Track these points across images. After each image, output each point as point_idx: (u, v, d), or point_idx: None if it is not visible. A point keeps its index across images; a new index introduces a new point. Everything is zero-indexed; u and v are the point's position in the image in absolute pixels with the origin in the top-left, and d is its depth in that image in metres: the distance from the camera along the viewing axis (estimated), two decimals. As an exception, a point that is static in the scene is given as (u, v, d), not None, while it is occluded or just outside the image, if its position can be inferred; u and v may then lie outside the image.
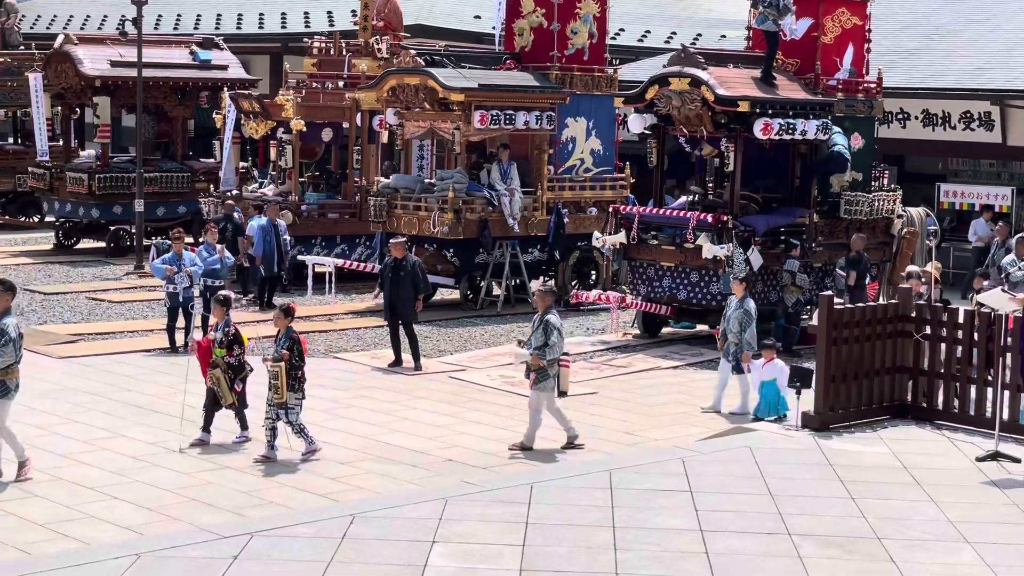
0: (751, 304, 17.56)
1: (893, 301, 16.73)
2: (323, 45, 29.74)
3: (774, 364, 16.81)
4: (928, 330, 15.85)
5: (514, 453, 15.17)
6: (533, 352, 15.21)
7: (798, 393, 15.64)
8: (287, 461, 14.62)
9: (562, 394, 15.52)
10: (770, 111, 21.16)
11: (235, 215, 25.50)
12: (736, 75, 21.81)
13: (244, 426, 15.48)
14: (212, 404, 15.38)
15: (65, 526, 12.35)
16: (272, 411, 14.69)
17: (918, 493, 12.91)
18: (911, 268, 19.59)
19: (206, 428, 15.37)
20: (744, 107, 20.94)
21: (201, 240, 22.58)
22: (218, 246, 21.29)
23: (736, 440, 14.97)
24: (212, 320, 15.87)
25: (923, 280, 18.57)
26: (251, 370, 15.48)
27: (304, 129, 26.92)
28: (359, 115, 27.44)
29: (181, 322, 20.50)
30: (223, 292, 16.57)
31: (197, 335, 15.77)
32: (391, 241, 20.66)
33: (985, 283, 18.41)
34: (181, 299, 20.30)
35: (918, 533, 11.66)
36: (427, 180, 25.58)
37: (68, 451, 14.85)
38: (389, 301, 19.78)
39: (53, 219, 32.60)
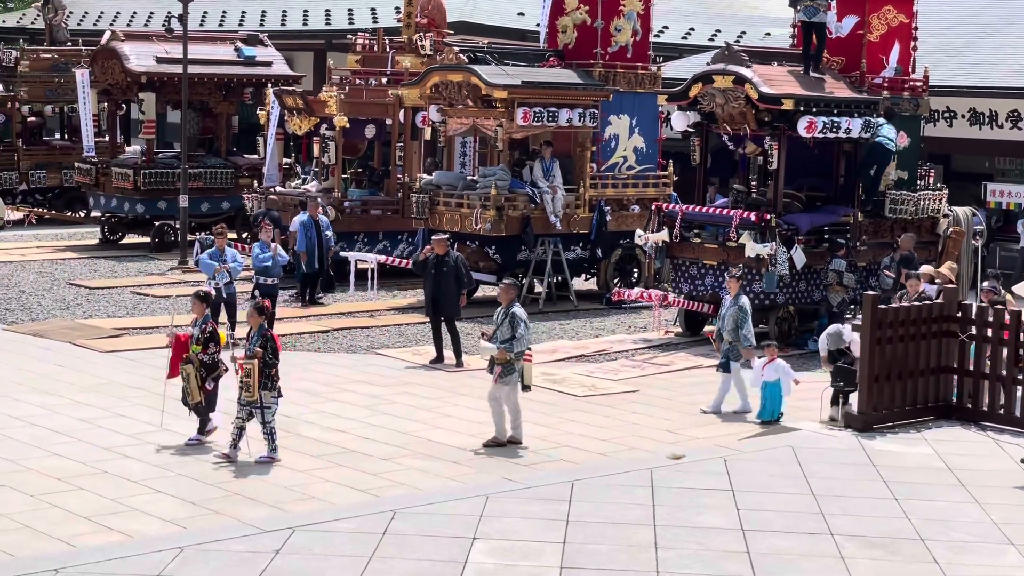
0: (745, 300, 17.51)
1: (938, 301, 16.60)
2: (367, 42, 29.81)
3: (776, 364, 16.67)
4: (973, 330, 15.73)
5: (486, 447, 15.11)
6: (500, 346, 15.18)
7: (841, 393, 15.57)
8: (322, 458, 14.67)
9: (526, 388, 15.48)
10: (814, 109, 21.06)
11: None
12: (780, 73, 21.72)
13: (202, 429, 15.17)
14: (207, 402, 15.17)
15: (109, 519, 12.44)
16: (243, 411, 14.38)
17: (962, 494, 12.82)
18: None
19: (202, 430, 15.16)
20: (788, 105, 20.85)
21: (248, 237, 22.63)
22: (272, 244, 21.34)
23: (778, 440, 14.90)
24: (192, 316, 15.43)
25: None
26: (225, 370, 15.13)
27: (347, 125, 26.98)
28: (402, 112, 27.48)
29: (223, 317, 20.61)
30: (203, 288, 16.14)
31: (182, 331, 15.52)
32: (433, 237, 20.68)
33: (985, 284, 18.30)
34: (224, 295, 20.39)
35: (962, 535, 11.57)
36: (470, 177, 25.60)
37: (112, 444, 14.96)
38: (432, 297, 19.81)
39: (99, 214, 32.84)
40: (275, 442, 14.48)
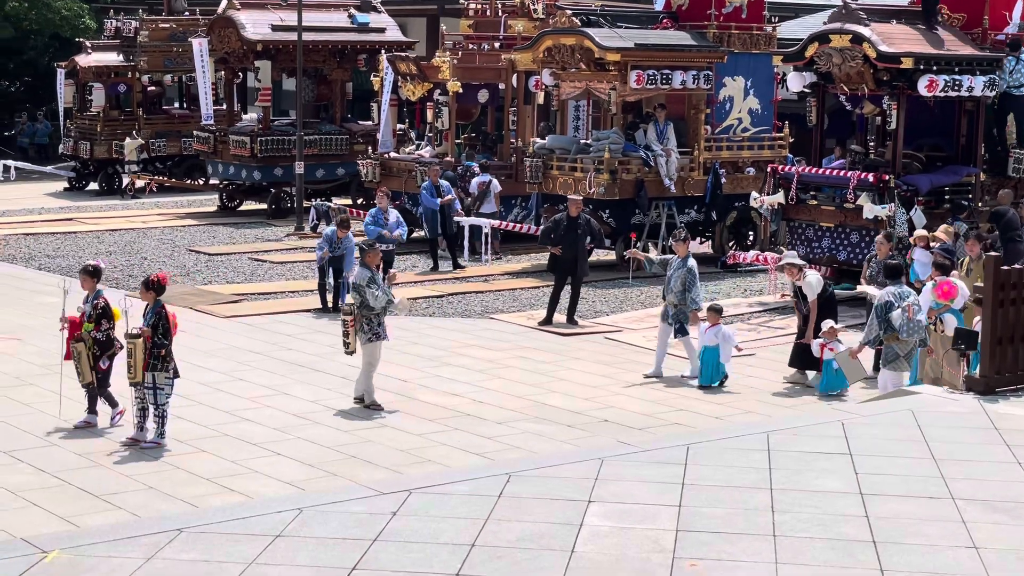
0: (693, 262, 17.32)
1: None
2: (479, 6, 29.81)
3: (718, 329, 16.50)
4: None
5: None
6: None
7: (962, 355, 15.29)
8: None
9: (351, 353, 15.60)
10: (935, 67, 20.64)
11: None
12: (899, 31, 21.31)
13: (92, 408, 14.34)
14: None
15: (230, 480, 12.67)
16: (140, 391, 13.65)
17: (1088, 459, 12.53)
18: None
19: (112, 404, 14.45)
20: (908, 64, 20.45)
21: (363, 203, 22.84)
22: (388, 211, 21.47)
23: (897, 403, 14.67)
24: (84, 291, 14.49)
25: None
26: (120, 347, 14.12)
27: (460, 91, 27.04)
28: (515, 76, 27.46)
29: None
30: (91, 262, 14.82)
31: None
32: (570, 197, 20.70)
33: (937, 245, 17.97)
34: (332, 259, 20.57)
35: (1088, 500, 11.32)
36: (583, 141, 25.53)
37: (233, 408, 15.21)
38: (566, 258, 19.79)
39: (217, 181, 33.34)
40: (164, 427, 13.68)
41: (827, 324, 16.24)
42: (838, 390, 16.19)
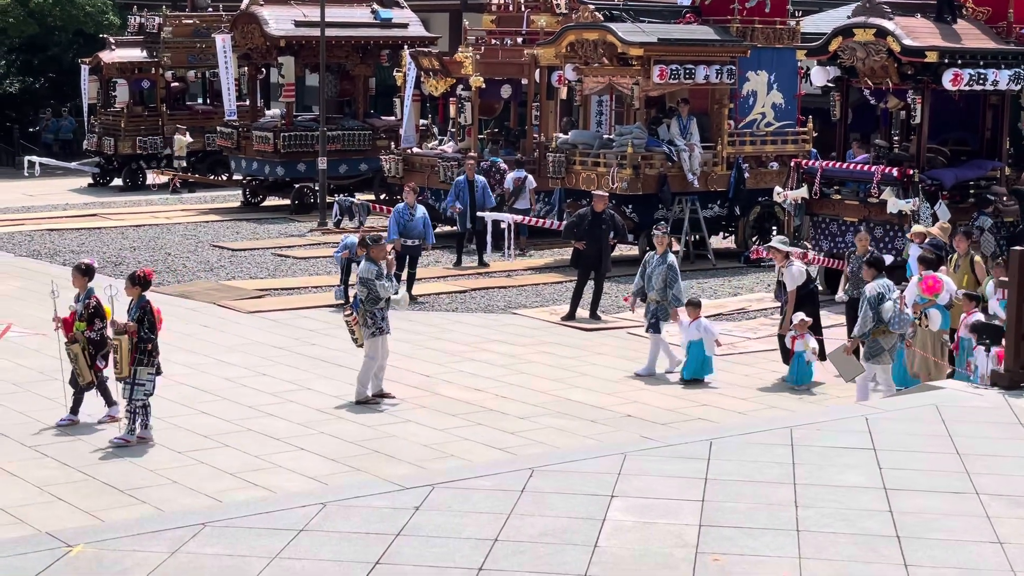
0: (673, 259, 17.29)
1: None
2: (502, 2, 29.79)
3: (699, 323, 16.45)
4: None
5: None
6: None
7: (987, 350, 15.22)
8: (468, 414, 14.78)
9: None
10: (959, 61, 20.55)
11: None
12: (923, 25, 21.22)
13: (110, 401, 14.29)
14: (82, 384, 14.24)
15: (254, 475, 12.70)
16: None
17: (1114, 454, 12.46)
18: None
19: (74, 410, 14.31)
20: (932, 57, 20.37)
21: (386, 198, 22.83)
22: (414, 207, 21.46)
23: (922, 398, 14.62)
24: (74, 289, 14.47)
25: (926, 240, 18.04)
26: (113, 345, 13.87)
27: (483, 86, 27.02)
28: (538, 71, 27.43)
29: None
30: (84, 261, 14.70)
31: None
32: (595, 193, 20.71)
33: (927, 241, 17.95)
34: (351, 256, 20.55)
35: (1114, 495, 11.26)
36: (606, 136, 25.50)
37: (256, 403, 15.25)
38: (589, 253, 19.79)
39: (240, 177, 33.40)
40: (135, 423, 13.51)
41: (797, 316, 16.28)
42: (807, 383, 16.21)
